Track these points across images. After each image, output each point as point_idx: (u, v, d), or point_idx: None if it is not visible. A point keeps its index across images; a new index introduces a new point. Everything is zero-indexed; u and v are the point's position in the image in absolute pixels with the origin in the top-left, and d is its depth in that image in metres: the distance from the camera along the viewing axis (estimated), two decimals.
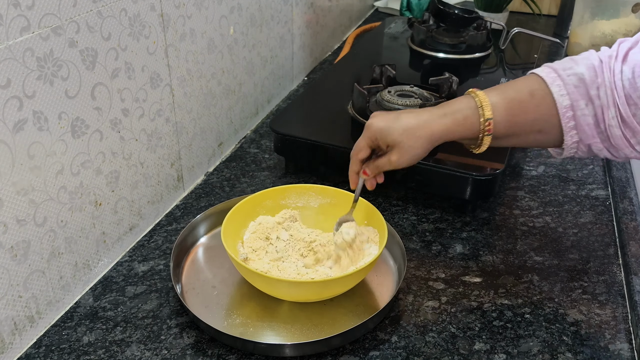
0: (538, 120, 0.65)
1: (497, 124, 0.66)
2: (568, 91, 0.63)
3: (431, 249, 0.83)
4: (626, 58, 0.61)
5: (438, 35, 1.25)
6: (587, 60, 0.64)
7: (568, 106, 0.63)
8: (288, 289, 0.69)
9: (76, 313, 0.72)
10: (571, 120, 0.64)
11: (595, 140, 0.64)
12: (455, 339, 0.69)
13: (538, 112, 0.65)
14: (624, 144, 0.63)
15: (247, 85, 1.09)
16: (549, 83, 0.64)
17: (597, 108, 0.62)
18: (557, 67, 0.65)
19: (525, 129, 0.67)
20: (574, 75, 0.64)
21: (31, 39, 0.60)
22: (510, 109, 0.66)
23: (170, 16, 0.82)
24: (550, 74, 0.65)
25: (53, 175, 0.66)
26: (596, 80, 0.62)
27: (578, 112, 0.63)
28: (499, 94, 0.67)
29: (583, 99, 0.63)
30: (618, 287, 0.77)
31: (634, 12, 1.31)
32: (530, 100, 0.65)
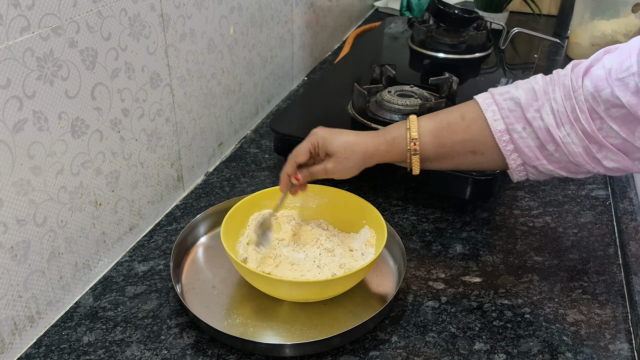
0: (469, 141, 0.67)
1: (424, 144, 0.69)
2: (502, 115, 0.64)
3: (431, 249, 0.83)
4: (587, 73, 0.61)
5: (438, 35, 1.25)
6: (528, 84, 0.65)
7: (503, 130, 0.65)
8: (288, 289, 0.69)
9: (76, 313, 0.72)
10: (509, 144, 0.65)
11: (541, 162, 0.65)
12: (455, 339, 0.69)
13: (468, 133, 0.67)
14: (586, 160, 0.62)
15: (247, 85, 1.09)
16: (484, 108, 0.65)
17: (539, 130, 0.63)
18: (495, 92, 0.67)
19: (455, 150, 0.68)
20: (510, 99, 0.65)
21: (31, 39, 0.60)
22: (437, 130, 0.68)
23: (170, 16, 0.82)
24: (486, 99, 0.66)
25: (53, 175, 0.66)
26: (534, 103, 0.63)
27: (515, 135, 0.64)
28: (431, 117, 0.70)
29: (519, 122, 0.64)
30: (618, 287, 0.77)
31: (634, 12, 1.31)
32: (460, 122, 0.67)
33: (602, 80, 0.59)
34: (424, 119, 0.70)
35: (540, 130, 0.63)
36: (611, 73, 0.58)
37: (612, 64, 0.59)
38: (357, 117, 0.97)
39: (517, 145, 0.64)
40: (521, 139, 0.64)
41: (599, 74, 0.60)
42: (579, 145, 0.62)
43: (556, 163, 0.64)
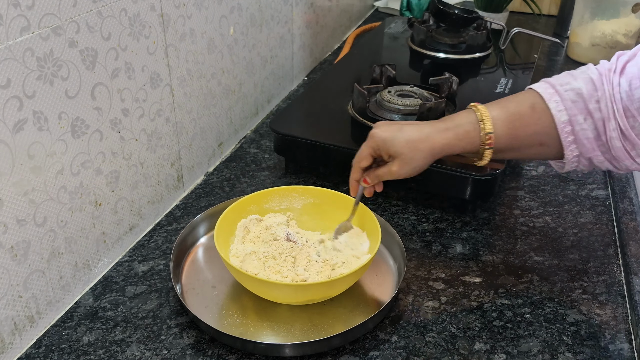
0: (539, 134, 0.66)
1: (498, 137, 0.67)
2: (566, 106, 0.64)
3: (431, 249, 0.83)
4: (623, 70, 0.61)
5: (438, 35, 1.25)
6: (585, 74, 0.64)
7: (566, 121, 0.64)
8: (282, 292, 0.69)
9: (76, 313, 0.72)
10: (570, 135, 0.65)
11: (596, 153, 0.65)
12: (455, 339, 0.69)
13: (539, 125, 0.66)
14: (624, 156, 0.63)
15: (247, 85, 1.09)
16: (547, 99, 0.65)
17: (598, 121, 0.63)
18: (555, 82, 0.66)
19: (526, 142, 0.67)
20: (571, 90, 0.64)
21: (31, 39, 0.60)
22: (511, 122, 0.67)
23: (170, 16, 0.82)
24: (547, 89, 0.65)
25: (53, 175, 0.66)
26: (595, 93, 0.63)
27: (576, 127, 0.64)
28: (500, 107, 0.68)
29: (581, 113, 0.63)
30: (618, 287, 0.77)
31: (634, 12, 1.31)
32: (531, 114, 0.66)
33: (636, 79, 0.59)
34: (494, 109, 0.68)
35: (599, 121, 0.63)
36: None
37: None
38: (357, 117, 0.97)
39: (577, 137, 0.64)
40: (582, 131, 0.64)
41: (633, 72, 0.60)
42: (618, 141, 0.62)
43: (607, 154, 0.65)
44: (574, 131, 0.64)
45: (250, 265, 0.72)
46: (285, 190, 0.81)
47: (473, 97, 1.08)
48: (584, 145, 0.65)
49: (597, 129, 0.63)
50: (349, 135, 0.95)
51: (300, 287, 0.68)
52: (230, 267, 0.69)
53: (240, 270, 0.68)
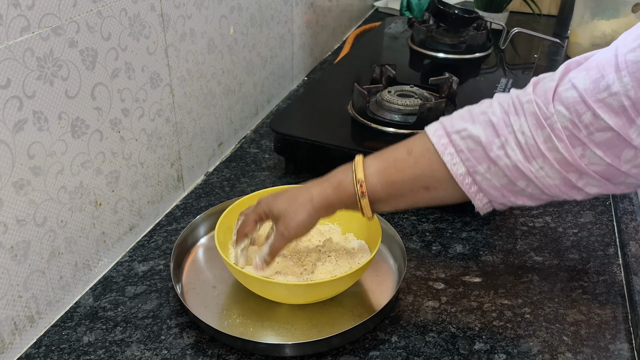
0: (419, 177, 0.62)
1: (372, 185, 0.64)
2: (462, 158, 0.59)
3: (431, 249, 0.83)
4: (556, 97, 0.55)
5: (438, 35, 1.25)
6: (485, 116, 0.58)
7: (464, 173, 0.59)
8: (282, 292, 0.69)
9: (76, 313, 0.72)
10: (472, 186, 0.60)
11: (508, 199, 0.60)
12: (455, 339, 0.69)
13: (417, 168, 0.62)
14: (562, 191, 0.57)
15: (247, 85, 1.09)
16: (440, 151, 0.60)
17: (506, 168, 0.57)
18: (449, 127, 0.60)
19: (406, 188, 0.63)
20: (468, 137, 0.58)
21: (31, 39, 0.60)
22: (384, 168, 0.63)
23: (170, 16, 0.82)
24: (441, 138, 0.60)
25: (53, 175, 0.66)
26: (496, 139, 0.57)
27: (478, 178, 0.59)
28: (377, 156, 0.65)
29: (482, 162, 0.58)
30: (618, 287, 0.77)
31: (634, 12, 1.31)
32: (407, 158, 0.62)
33: (579, 104, 0.53)
34: (370, 159, 0.65)
35: (507, 168, 0.57)
36: (587, 94, 0.53)
37: (585, 84, 0.53)
38: (357, 117, 0.97)
39: (482, 187, 0.59)
40: (485, 180, 0.59)
41: (572, 96, 0.54)
42: (556, 177, 0.56)
43: (526, 197, 0.59)
44: (475, 181, 0.59)
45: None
46: (262, 194, 0.80)
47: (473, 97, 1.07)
48: (491, 194, 0.59)
49: (507, 176, 0.57)
50: (349, 135, 0.95)
51: (300, 287, 0.68)
52: (230, 267, 0.69)
53: (241, 270, 0.68)
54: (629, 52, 0.51)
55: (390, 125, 0.94)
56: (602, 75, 0.52)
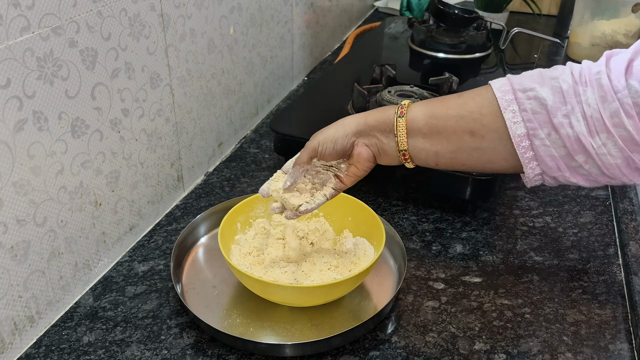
0: (465, 118, 0.58)
1: (413, 111, 0.61)
2: (524, 118, 0.56)
3: (431, 249, 0.83)
4: (630, 70, 0.52)
5: (438, 35, 1.25)
6: (555, 81, 0.56)
7: (523, 135, 0.56)
8: (283, 294, 0.69)
9: (76, 313, 0.72)
10: (528, 151, 0.57)
11: (563, 174, 0.57)
12: (455, 339, 0.69)
13: (464, 109, 0.59)
14: (623, 173, 0.55)
15: (247, 85, 1.09)
16: (503, 108, 0.57)
17: (567, 138, 0.54)
18: (516, 84, 0.58)
19: (450, 126, 0.59)
20: (534, 98, 0.56)
21: (31, 39, 0.60)
22: (430, 102, 0.61)
23: (170, 16, 0.82)
24: (506, 94, 0.57)
25: (53, 175, 0.66)
26: (562, 106, 0.54)
27: (537, 142, 0.56)
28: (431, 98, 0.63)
29: (544, 127, 0.55)
30: (618, 287, 0.77)
31: (634, 12, 1.31)
32: (456, 99, 0.60)
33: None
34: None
35: (568, 138, 0.54)
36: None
37: None
38: None
39: (538, 154, 0.56)
40: (544, 147, 0.56)
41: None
42: (618, 156, 0.53)
43: (582, 176, 0.57)
44: (533, 146, 0.56)
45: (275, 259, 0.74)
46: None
47: None
48: (546, 164, 0.57)
49: (566, 146, 0.55)
50: None
51: (301, 289, 0.68)
52: (233, 269, 0.68)
53: (244, 272, 0.68)
54: None
55: None
56: None
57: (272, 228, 0.79)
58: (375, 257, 0.69)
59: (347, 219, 0.79)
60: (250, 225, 0.79)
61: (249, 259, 0.74)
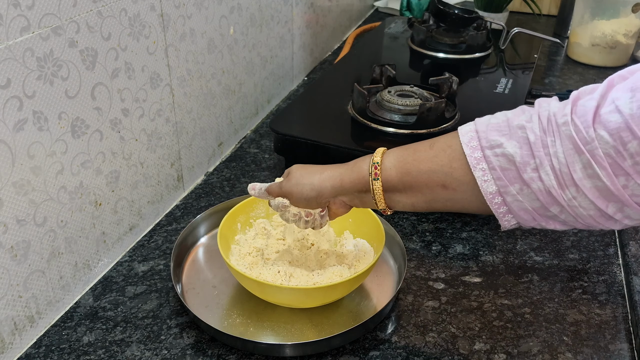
0: (437, 173, 0.59)
1: (387, 170, 0.62)
2: (494, 176, 0.55)
3: (431, 249, 0.83)
4: (597, 119, 0.50)
5: (438, 35, 1.25)
6: (523, 132, 0.54)
7: (495, 192, 0.55)
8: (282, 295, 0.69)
9: (76, 313, 0.72)
10: (502, 206, 0.56)
11: (539, 223, 0.57)
12: (455, 339, 0.69)
13: (435, 163, 0.59)
14: (597, 222, 0.54)
15: (247, 85, 1.09)
16: (472, 166, 0.56)
17: (539, 192, 0.53)
18: (485, 142, 0.56)
19: (422, 181, 0.60)
20: (502, 155, 0.54)
21: (31, 39, 0.60)
22: (403, 156, 0.62)
23: (170, 16, 0.82)
24: (475, 151, 0.56)
25: (53, 175, 0.66)
26: (531, 160, 0.53)
27: (509, 199, 0.55)
28: (401, 147, 0.63)
29: (514, 183, 0.54)
30: (618, 287, 0.77)
31: (634, 12, 1.31)
32: (427, 150, 0.60)
33: (624, 131, 0.48)
34: (393, 149, 0.64)
35: (540, 192, 0.53)
36: (633, 120, 0.48)
37: (631, 108, 0.48)
38: (357, 117, 0.97)
39: (512, 208, 0.56)
40: (516, 202, 0.55)
41: (616, 121, 0.49)
42: (590, 207, 0.52)
43: (559, 223, 0.56)
44: (505, 202, 0.56)
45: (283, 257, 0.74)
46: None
47: (473, 97, 1.08)
48: (521, 217, 0.56)
49: (539, 199, 0.54)
50: (349, 135, 0.95)
51: (300, 291, 0.68)
52: (232, 270, 0.68)
53: (242, 272, 0.68)
54: None
55: (390, 126, 0.94)
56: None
57: (272, 228, 0.79)
58: (374, 260, 0.69)
59: (347, 220, 0.79)
60: (250, 226, 0.79)
61: (249, 259, 0.74)
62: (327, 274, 0.72)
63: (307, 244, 0.77)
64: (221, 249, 0.70)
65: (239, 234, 0.78)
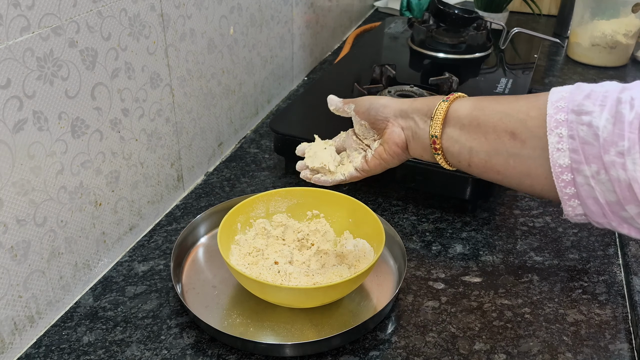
0: (510, 116, 0.52)
1: (461, 100, 0.58)
2: (570, 146, 0.47)
3: (431, 249, 0.83)
4: None
5: (438, 35, 1.25)
6: (622, 106, 0.45)
7: (566, 166, 0.48)
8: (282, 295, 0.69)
9: (76, 313, 0.72)
10: (569, 186, 0.49)
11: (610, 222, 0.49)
12: (455, 339, 0.69)
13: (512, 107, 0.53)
14: None
15: (247, 85, 1.09)
16: (550, 128, 0.48)
17: (617, 182, 0.45)
18: (574, 105, 0.48)
19: (492, 121, 0.53)
20: (588, 125, 0.46)
21: (31, 39, 0.60)
22: (484, 97, 0.58)
23: (170, 16, 0.82)
24: (559, 112, 0.48)
25: (53, 175, 0.66)
26: (620, 141, 0.44)
27: (580, 179, 0.47)
28: None
29: (592, 162, 0.46)
30: (618, 287, 0.77)
31: (634, 12, 1.31)
32: (509, 97, 0.55)
33: None
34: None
35: (618, 183, 0.45)
36: None
37: None
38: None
39: (580, 193, 0.48)
40: (587, 187, 0.47)
41: None
42: None
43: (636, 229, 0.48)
44: (575, 182, 0.48)
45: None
46: (267, 196, 0.80)
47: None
48: (588, 207, 0.49)
49: (615, 192, 0.46)
50: None
51: (300, 291, 0.68)
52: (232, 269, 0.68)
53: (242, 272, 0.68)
54: None
55: None
56: None
57: (272, 228, 0.79)
58: (374, 260, 0.69)
59: (347, 220, 0.79)
60: (250, 226, 0.79)
61: (249, 259, 0.74)
62: (327, 274, 0.72)
63: (307, 244, 0.77)
64: (221, 249, 0.70)
65: (239, 234, 0.78)
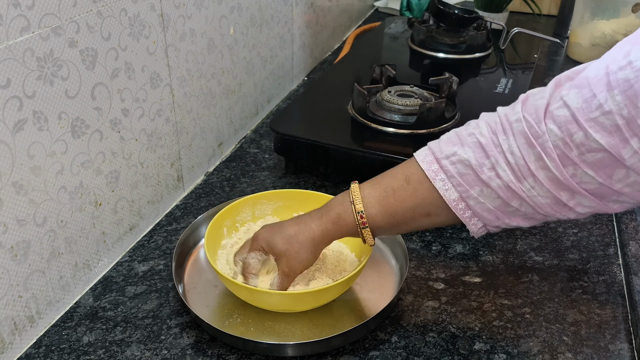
0: (420, 206, 0.61)
1: (372, 216, 0.63)
2: (453, 183, 0.58)
3: (431, 249, 0.83)
4: (547, 114, 0.54)
5: (438, 35, 1.25)
6: (472, 137, 0.58)
7: (457, 199, 0.59)
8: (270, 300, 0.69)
9: (76, 313, 0.72)
10: (466, 211, 0.59)
11: (503, 221, 0.60)
12: (455, 339, 0.69)
13: (417, 197, 0.61)
14: (554, 210, 0.57)
15: (247, 85, 1.09)
16: (431, 177, 0.59)
17: (499, 189, 0.57)
18: (438, 153, 0.60)
19: (408, 217, 0.63)
20: (458, 162, 0.58)
21: (31, 39, 0.60)
22: (383, 198, 0.63)
23: (170, 16, 0.82)
24: (431, 164, 0.60)
25: (53, 175, 0.66)
26: (486, 161, 0.57)
27: (471, 202, 0.58)
28: (373, 184, 0.64)
29: (474, 186, 0.58)
30: (618, 287, 0.77)
31: (634, 12, 1.31)
32: (406, 187, 0.62)
33: (571, 123, 0.52)
34: (366, 187, 0.64)
35: (500, 189, 0.57)
36: (579, 113, 0.52)
37: (577, 102, 0.52)
38: (357, 117, 0.97)
39: (475, 211, 0.59)
40: (479, 205, 0.58)
41: (564, 115, 0.53)
42: (547, 196, 0.56)
43: (521, 217, 0.59)
44: (469, 206, 0.59)
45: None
46: (253, 199, 0.80)
47: (473, 97, 1.08)
48: (485, 218, 0.59)
49: (500, 197, 0.57)
50: (349, 135, 0.95)
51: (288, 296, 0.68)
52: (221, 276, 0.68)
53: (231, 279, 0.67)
54: (619, 70, 0.50)
55: (390, 125, 0.94)
56: (593, 94, 0.51)
57: None
58: (364, 261, 0.69)
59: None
60: (237, 230, 0.79)
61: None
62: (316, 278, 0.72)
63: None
64: (208, 255, 0.69)
65: (225, 239, 0.78)
